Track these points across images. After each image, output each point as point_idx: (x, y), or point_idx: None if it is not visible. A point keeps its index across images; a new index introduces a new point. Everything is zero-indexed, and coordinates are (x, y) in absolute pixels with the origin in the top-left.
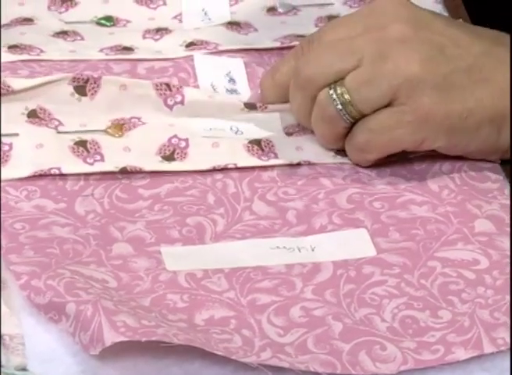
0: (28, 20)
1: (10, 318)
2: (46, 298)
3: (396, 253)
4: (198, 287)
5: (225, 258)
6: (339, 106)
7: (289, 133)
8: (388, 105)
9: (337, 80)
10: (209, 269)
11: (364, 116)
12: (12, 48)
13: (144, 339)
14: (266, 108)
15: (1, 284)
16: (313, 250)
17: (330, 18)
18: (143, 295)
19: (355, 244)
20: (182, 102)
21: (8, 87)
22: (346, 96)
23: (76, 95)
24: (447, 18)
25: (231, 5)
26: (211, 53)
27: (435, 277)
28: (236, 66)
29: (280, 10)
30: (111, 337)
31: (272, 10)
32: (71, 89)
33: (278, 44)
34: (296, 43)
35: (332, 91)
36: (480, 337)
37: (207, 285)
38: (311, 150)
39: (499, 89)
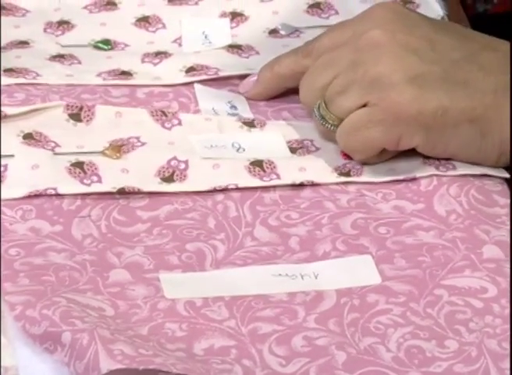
0: (24, 43)
1: (5, 349)
2: (41, 328)
3: (401, 281)
4: (198, 315)
5: (225, 285)
6: (320, 120)
7: (293, 149)
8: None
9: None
10: (209, 297)
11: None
12: (8, 71)
13: (141, 367)
14: (264, 125)
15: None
16: (316, 277)
17: None
18: (141, 324)
19: (359, 271)
20: (179, 124)
21: (2, 112)
22: (322, 110)
23: (72, 121)
24: (440, 23)
25: (232, 28)
26: (212, 80)
27: (442, 306)
28: (238, 97)
29: (282, 32)
30: (107, 365)
31: (274, 32)
32: (66, 116)
33: None
34: None
35: (315, 107)
36: (488, 368)
37: (206, 314)
38: (314, 170)
39: (478, 92)
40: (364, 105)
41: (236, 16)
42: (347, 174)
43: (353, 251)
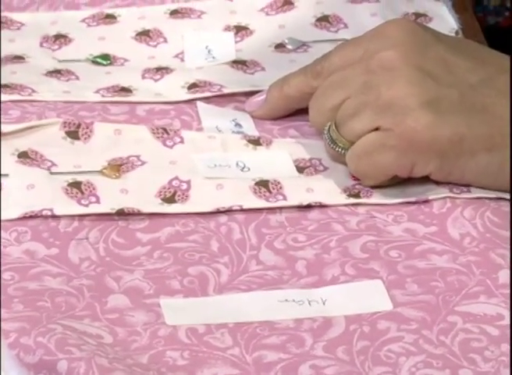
0: (19, 58)
1: None
2: (36, 356)
3: (413, 307)
4: (200, 343)
5: (229, 311)
6: (330, 143)
7: (300, 168)
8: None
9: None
10: (212, 324)
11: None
12: (3, 87)
13: None
14: (270, 143)
15: None
16: (324, 303)
17: None
18: (140, 352)
19: (369, 296)
20: (182, 142)
21: None
22: (332, 132)
23: (69, 139)
24: (454, 41)
25: (236, 42)
26: (216, 96)
27: (456, 333)
28: (242, 115)
29: (289, 47)
30: None
31: (280, 47)
32: (62, 133)
33: None
34: None
35: (325, 130)
36: None
37: (209, 341)
38: (322, 191)
39: (496, 118)
40: (377, 129)
41: (240, 30)
42: (357, 196)
43: (363, 276)
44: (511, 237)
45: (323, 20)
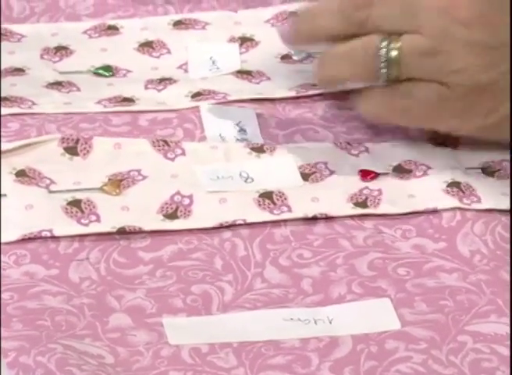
0: (19, 70)
1: None
2: None
3: (422, 326)
4: (204, 363)
5: (233, 331)
6: (383, 62)
7: (305, 175)
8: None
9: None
10: (216, 344)
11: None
12: (2, 100)
13: None
14: (274, 150)
15: None
16: (330, 322)
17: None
18: (142, 373)
19: (377, 315)
20: (183, 154)
21: None
22: (395, 53)
23: (68, 155)
24: None
25: (241, 53)
26: (220, 103)
27: (466, 353)
28: (247, 116)
29: (295, 58)
30: None
31: (286, 58)
32: (61, 150)
33: (293, 93)
34: (312, 92)
35: (385, 43)
36: None
37: (213, 361)
38: (328, 200)
39: None
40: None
41: (245, 41)
42: (364, 204)
43: (371, 294)
44: (511, 238)
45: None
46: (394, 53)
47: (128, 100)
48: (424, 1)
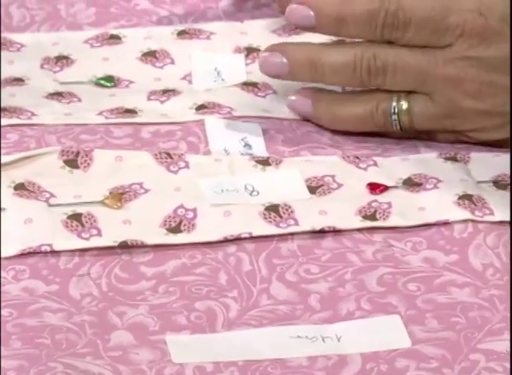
0: (19, 80)
1: None
2: None
3: (433, 344)
4: None
5: (238, 348)
6: (395, 122)
7: (312, 188)
8: None
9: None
10: (221, 362)
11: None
12: (1, 111)
13: None
14: (280, 162)
15: None
16: (339, 340)
17: None
18: None
19: (387, 333)
20: (186, 167)
21: None
22: (405, 106)
23: (68, 168)
24: None
25: (247, 65)
26: (225, 118)
27: (479, 372)
28: (253, 131)
29: None
30: None
31: None
32: (61, 162)
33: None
34: None
35: (395, 103)
36: None
37: None
38: (336, 213)
39: None
40: None
41: (251, 52)
42: (373, 217)
43: (380, 311)
44: (511, 241)
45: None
46: (405, 107)
47: (130, 111)
48: (435, 69)
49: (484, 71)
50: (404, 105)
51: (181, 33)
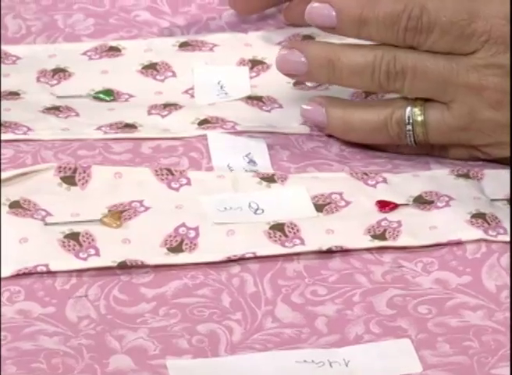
0: (14, 94)
1: None
2: None
3: (445, 369)
4: None
5: (242, 373)
6: (409, 132)
7: (319, 206)
8: None
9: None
10: None
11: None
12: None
13: None
14: (286, 179)
15: None
16: (347, 365)
17: (368, 93)
18: None
19: (397, 357)
20: (188, 183)
21: None
22: (420, 118)
23: (65, 185)
24: None
25: (251, 78)
26: (228, 133)
27: None
28: (258, 146)
29: (309, 84)
30: None
31: (299, 84)
32: (57, 179)
33: (307, 131)
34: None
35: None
36: None
37: None
38: (343, 232)
39: None
40: None
41: (256, 64)
42: (382, 236)
43: (390, 335)
44: (511, 245)
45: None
46: (420, 119)
47: (130, 126)
48: (456, 77)
49: (506, 80)
50: (420, 117)
51: (183, 45)
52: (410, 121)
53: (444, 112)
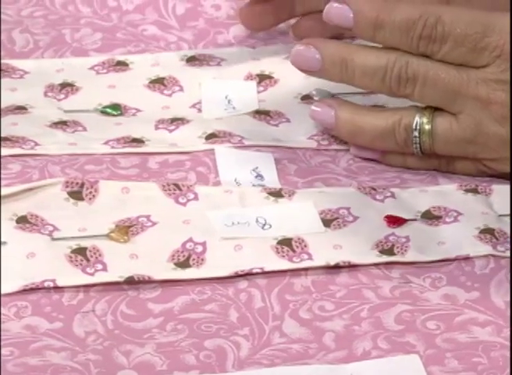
0: (21, 109)
1: None
2: None
3: None
4: None
5: None
6: (416, 138)
7: (326, 221)
8: None
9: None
10: None
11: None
12: (3, 140)
13: None
14: (293, 194)
15: None
16: None
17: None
18: None
19: (405, 373)
20: (196, 198)
21: None
22: (427, 127)
23: (72, 200)
24: None
25: (259, 92)
26: (236, 147)
27: None
28: (265, 161)
29: (317, 98)
30: None
31: (306, 98)
32: (65, 194)
33: (314, 145)
34: (335, 146)
35: (417, 119)
36: None
37: None
38: (351, 247)
39: None
40: None
41: (264, 79)
42: (390, 251)
43: (398, 350)
44: (511, 247)
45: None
46: (427, 127)
47: (137, 141)
48: (466, 88)
49: None
50: (427, 125)
51: (190, 60)
52: (418, 128)
53: (452, 122)
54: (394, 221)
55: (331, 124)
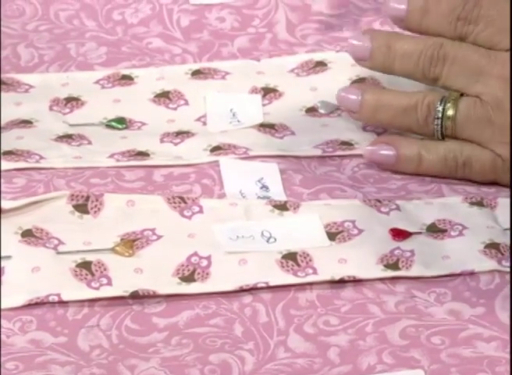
0: (26, 122)
1: None
2: None
3: None
4: None
5: None
6: (437, 120)
7: (332, 234)
8: None
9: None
10: None
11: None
12: (7, 154)
13: None
14: (298, 207)
15: None
16: None
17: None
18: None
19: None
20: (201, 211)
21: None
22: (451, 113)
23: (77, 213)
24: None
25: (264, 105)
26: (241, 158)
27: None
28: (270, 171)
29: (321, 111)
30: None
31: (311, 111)
32: (70, 207)
33: (319, 153)
34: (340, 152)
35: (443, 103)
36: None
37: None
38: (356, 261)
39: None
40: None
41: (268, 92)
42: (395, 266)
43: (403, 365)
44: (511, 249)
45: (359, 83)
46: (450, 113)
47: (142, 154)
48: (490, 68)
49: None
50: (451, 111)
51: (195, 73)
52: (442, 103)
53: (476, 101)
54: (399, 234)
55: (356, 107)
